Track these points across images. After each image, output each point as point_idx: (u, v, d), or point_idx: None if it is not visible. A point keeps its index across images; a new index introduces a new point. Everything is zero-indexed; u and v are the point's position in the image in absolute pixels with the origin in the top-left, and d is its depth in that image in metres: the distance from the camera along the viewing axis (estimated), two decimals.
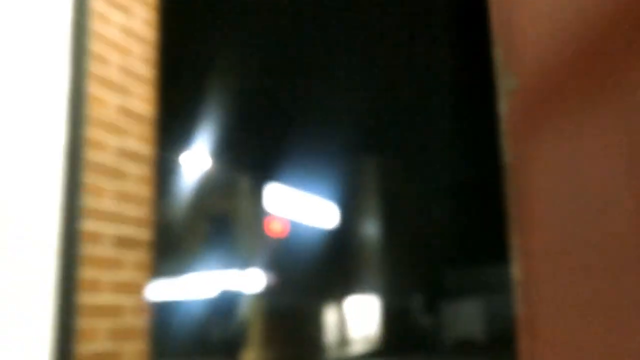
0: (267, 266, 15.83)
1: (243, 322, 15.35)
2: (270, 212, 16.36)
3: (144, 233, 2.40)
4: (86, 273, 2.12)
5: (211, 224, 17.61)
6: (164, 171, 15.05)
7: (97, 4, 2.23)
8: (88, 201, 2.16)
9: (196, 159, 16.05)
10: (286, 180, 17.03)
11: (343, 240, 19.99)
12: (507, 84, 1.00)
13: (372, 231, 21.33)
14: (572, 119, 0.92)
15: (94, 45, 2.19)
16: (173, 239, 17.02)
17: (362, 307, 20.18)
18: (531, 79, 0.97)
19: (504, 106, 0.99)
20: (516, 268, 0.94)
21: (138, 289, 2.36)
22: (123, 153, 2.33)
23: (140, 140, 2.42)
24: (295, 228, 17.26)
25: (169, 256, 16.68)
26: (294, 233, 17.18)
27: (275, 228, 16.53)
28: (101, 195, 2.22)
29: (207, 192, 17.08)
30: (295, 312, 16.17)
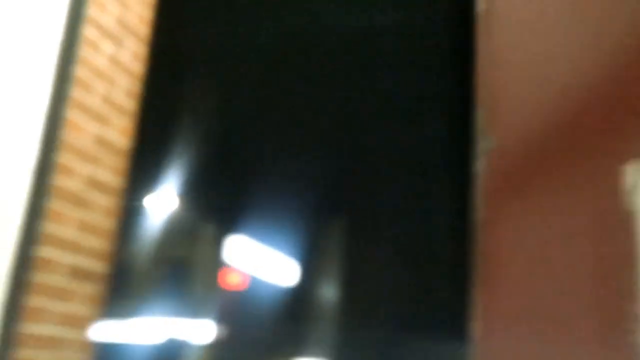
0: (220, 318, 15.45)
1: None
2: (229, 264, 16.11)
3: (101, 266, 2.33)
4: (32, 301, 2.04)
5: (167, 269, 17.21)
6: (129, 208, 14.79)
7: (89, 31, 2.24)
8: (48, 227, 2.10)
9: (163, 201, 15.85)
10: (249, 233, 16.87)
11: (300, 299, 19.70)
12: (485, 144, 1.02)
13: (330, 293, 21.09)
14: (544, 184, 0.94)
15: (80, 71, 2.19)
16: (128, 279, 16.55)
17: None
18: (509, 142, 0.99)
19: (480, 165, 1.01)
20: (475, 328, 0.93)
21: (84, 324, 2.27)
22: (92, 182, 2.29)
23: (111, 171, 2.38)
24: (253, 282, 16.99)
25: (121, 295, 16.17)
26: (252, 287, 16.90)
27: (232, 280, 16.24)
28: (63, 222, 2.16)
29: (169, 236, 16.77)
30: None
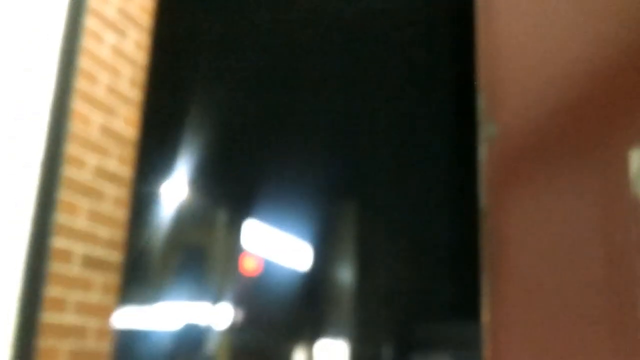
0: (237, 303, 15.60)
1: (209, 357, 15.00)
2: (244, 249, 16.21)
3: (115, 256, 2.36)
4: (51, 291, 2.08)
5: (184, 255, 17.38)
6: (142, 197, 14.91)
7: (91, 22, 2.25)
8: (61, 218, 2.13)
9: (176, 189, 15.95)
10: (263, 218, 16.95)
11: (316, 283, 19.83)
12: (488, 131, 1.01)
13: (347, 277, 21.20)
14: (550, 170, 0.94)
15: (84, 62, 2.20)
16: (145, 266, 16.74)
17: (332, 352, 19.88)
18: (512, 128, 0.98)
19: (483, 152, 1.00)
20: (485, 313, 0.94)
21: (104, 312, 2.31)
22: (101, 173, 2.31)
23: (120, 161, 2.40)
24: (268, 267, 17.10)
25: (139, 283, 16.37)
26: (267, 272, 17.02)
27: (248, 265, 16.36)
28: (75, 213, 2.19)
29: (184, 223, 16.90)
30: (262, 352, 15.87)
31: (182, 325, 16.30)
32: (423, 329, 22.20)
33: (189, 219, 16.87)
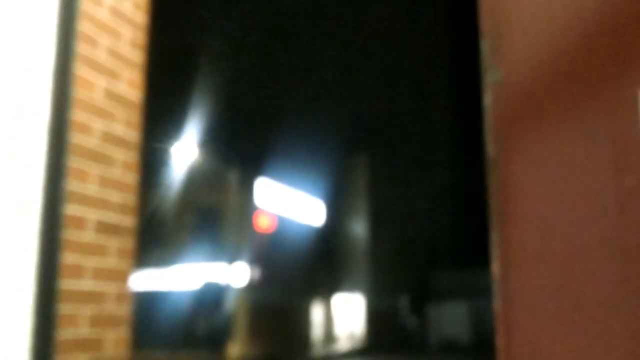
0: (253, 261, 15.79)
1: (228, 315, 15.30)
2: (258, 207, 16.31)
3: (128, 220, 2.36)
4: (67, 258, 2.09)
5: (198, 216, 17.54)
6: (153, 160, 14.97)
7: None
8: (71, 185, 2.13)
9: (186, 150, 15.97)
10: (275, 175, 16.99)
11: (330, 238, 19.99)
12: (492, 77, 0.97)
13: (360, 231, 21.35)
14: (556, 116, 0.90)
15: (83, 26, 2.16)
16: (161, 229, 16.93)
17: (349, 306, 20.19)
18: (517, 73, 0.95)
19: (488, 99, 0.97)
20: (495, 262, 0.92)
21: (121, 277, 2.33)
22: (109, 138, 2.29)
23: (126, 125, 2.38)
24: (282, 224, 17.23)
25: (155, 246, 16.59)
26: (282, 229, 17.15)
27: (262, 223, 16.49)
28: (85, 179, 2.18)
29: (196, 184, 17.01)
30: (280, 308, 16.16)
31: (200, 285, 16.58)
32: (438, 277, 22.45)
33: (201, 180, 16.95)
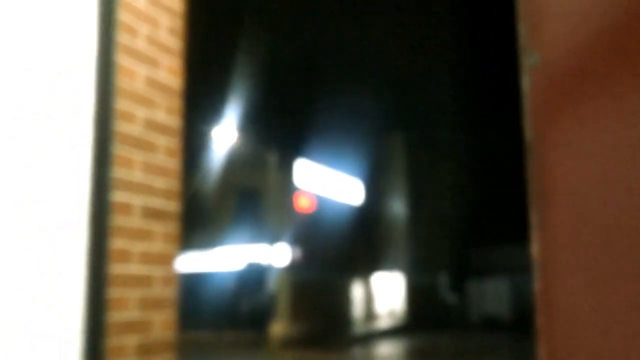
0: (295, 241, 15.93)
1: (271, 295, 15.53)
2: (298, 188, 16.41)
3: (173, 205, 2.41)
4: (115, 243, 2.15)
5: (240, 198, 17.76)
6: (194, 145, 15.18)
7: None
8: (118, 172, 2.18)
9: (226, 134, 16.14)
10: (313, 156, 17.03)
11: (369, 217, 19.99)
12: (530, 60, 0.95)
13: (398, 208, 21.28)
14: (595, 98, 0.88)
15: (122, 15, 2.19)
16: (203, 212, 17.23)
17: (389, 284, 20.23)
18: (554, 56, 0.93)
19: (526, 82, 0.95)
20: (534, 244, 0.91)
21: (167, 260, 2.38)
22: (151, 125, 2.33)
23: (168, 112, 2.42)
24: (322, 204, 17.31)
25: (199, 229, 16.91)
26: (321, 209, 17.23)
27: (302, 203, 16.60)
28: (130, 166, 2.23)
29: (236, 167, 17.20)
30: (322, 287, 16.30)
31: (244, 266, 16.84)
32: (479, 254, 22.25)
33: (242, 163, 17.12)
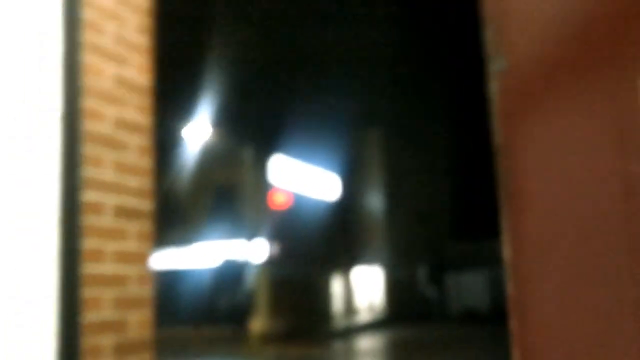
0: (273, 236, 15.92)
1: (249, 291, 15.50)
2: (273, 184, 16.38)
3: (146, 204, 2.40)
4: (88, 243, 2.13)
5: (216, 195, 17.68)
6: (168, 142, 15.05)
7: None
8: (88, 172, 2.16)
9: (200, 130, 16.03)
10: (290, 151, 17.01)
11: (348, 211, 20.05)
12: (497, 65, 0.98)
13: (377, 203, 21.38)
14: (562, 101, 0.91)
15: (87, 13, 2.17)
16: (179, 209, 17.11)
17: (368, 278, 20.35)
18: (521, 60, 0.95)
19: (493, 87, 0.97)
20: (505, 248, 0.93)
21: (142, 259, 2.37)
22: (121, 123, 2.32)
23: (138, 110, 2.40)
24: (298, 200, 17.30)
25: (176, 226, 16.79)
26: (298, 205, 17.23)
27: (279, 199, 16.57)
28: (101, 165, 2.21)
29: (212, 163, 17.11)
30: (301, 282, 16.32)
31: (220, 262, 16.78)
32: (456, 248, 22.49)
33: (217, 160, 17.04)
